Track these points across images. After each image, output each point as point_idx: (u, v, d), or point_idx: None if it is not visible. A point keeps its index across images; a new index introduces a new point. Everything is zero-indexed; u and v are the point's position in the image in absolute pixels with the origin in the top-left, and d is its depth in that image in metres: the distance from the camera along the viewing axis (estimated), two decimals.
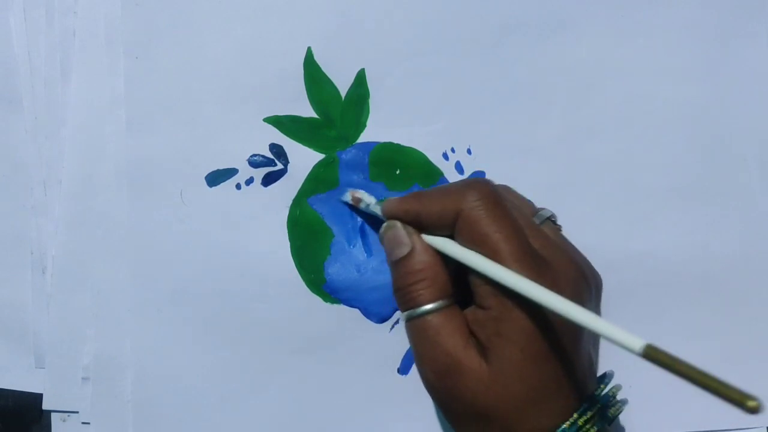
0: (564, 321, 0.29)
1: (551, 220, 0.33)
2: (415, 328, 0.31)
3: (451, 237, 0.31)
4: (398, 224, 0.32)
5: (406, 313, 0.32)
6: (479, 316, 0.30)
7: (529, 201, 0.34)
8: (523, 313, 0.29)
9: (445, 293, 0.31)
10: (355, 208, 0.37)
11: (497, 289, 0.29)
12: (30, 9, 0.37)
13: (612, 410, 0.31)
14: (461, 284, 0.31)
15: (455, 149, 0.38)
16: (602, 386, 0.31)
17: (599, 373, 0.33)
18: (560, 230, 0.34)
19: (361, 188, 0.37)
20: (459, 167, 0.38)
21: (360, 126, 0.37)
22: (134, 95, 0.36)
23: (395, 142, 0.38)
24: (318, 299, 0.37)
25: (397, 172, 0.38)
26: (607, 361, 0.33)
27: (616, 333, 0.25)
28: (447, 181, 0.38)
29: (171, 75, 0.37)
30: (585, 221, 0.38)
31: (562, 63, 0.38)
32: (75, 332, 0.36)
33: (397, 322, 0.37)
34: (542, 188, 0.38)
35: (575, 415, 0.29)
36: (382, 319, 0.37)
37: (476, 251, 0.30)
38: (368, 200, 0.36)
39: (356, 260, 0.37)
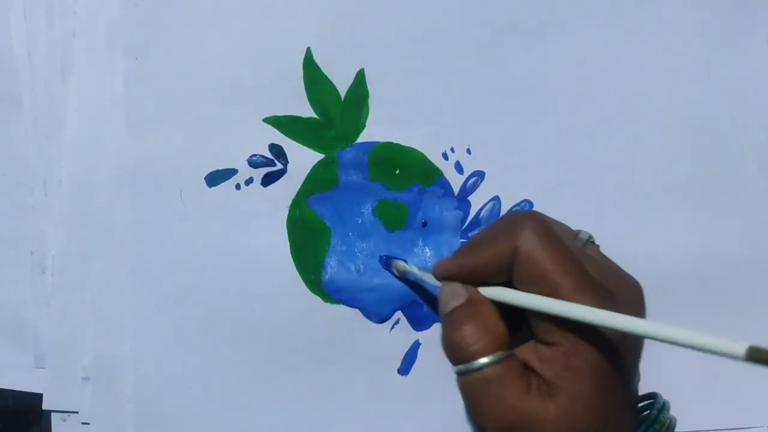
0: (627, 345, 0.28)
1: (591, 241, 0.32)
2: (473, 383, 0.29)
3: (506, 283, 0.30)
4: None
5: (460, 366, 0.30)
6: (545, 353, 0.29)
7: (566, 225, 0.34)
8: (592, 345, 0.28)
9: (503, 344, 0.29)
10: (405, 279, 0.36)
11: (561, 324, 0.28)
12: (30, 9, 0.37)
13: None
14: (509, 321, 0.30)
15: (455, 149, 0.38)
16: (656, 410, 0.30)
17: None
18: (599, 249, 0.33)
19: (361, 188, 0.37)
20: (458, 167, 0.38)
21: (359, 126, 0.37)
22: (134, 95, 0.36)
23: (395, 142, 0.37)
24: (318, 299, 0.37)
25: (397, 171, 0.37)
26: None
27: (717, 342, 0.24)
28: (447, 181, 0.38)
29: (170, 75, 0.37)
30: (585, 221, 0.38)
31: (562, 63, 0.38)
32: (75, 332, 0.36)
33: (397, 322, 0.37)
34: (542, 188, 0.38)
35: None
36: (382, 319, 0.37)
37: (536, 289, 0.28)
38: (411, 269, 0.35)
39: (356, 260, 0.37)
